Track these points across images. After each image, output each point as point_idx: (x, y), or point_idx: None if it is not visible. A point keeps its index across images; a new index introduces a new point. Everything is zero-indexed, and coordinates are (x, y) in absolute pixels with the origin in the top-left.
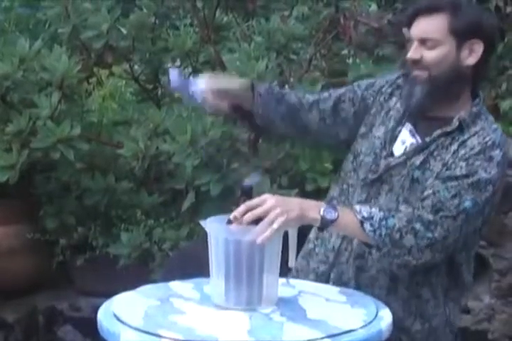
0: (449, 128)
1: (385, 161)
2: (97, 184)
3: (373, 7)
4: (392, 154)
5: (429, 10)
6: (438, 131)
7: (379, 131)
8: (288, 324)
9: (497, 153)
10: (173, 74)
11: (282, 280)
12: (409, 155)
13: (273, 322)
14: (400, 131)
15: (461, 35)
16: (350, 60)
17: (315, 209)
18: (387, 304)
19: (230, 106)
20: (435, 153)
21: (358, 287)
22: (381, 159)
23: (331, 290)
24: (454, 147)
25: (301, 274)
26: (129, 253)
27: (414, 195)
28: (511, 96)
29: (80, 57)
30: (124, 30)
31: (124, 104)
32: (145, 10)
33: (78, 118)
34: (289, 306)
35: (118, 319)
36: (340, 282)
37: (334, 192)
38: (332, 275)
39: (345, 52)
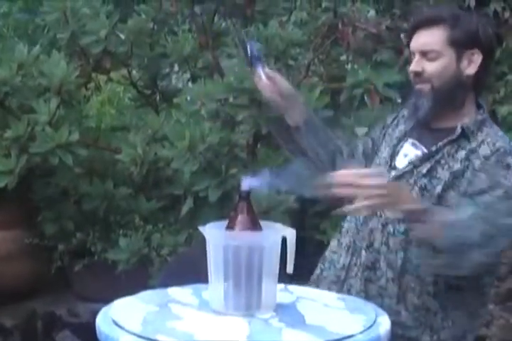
0: (453, 136)
1: (388, 174)
2: (95, 189)
3: (371, 13)
4: (395, 167)
5: (428, 23)
6: (444, 141)
7: (384, 153)
8: (286, 329)
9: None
10: (251, 46)
11: (281, 285)
12: (416, 163)
13: (272, 328)
14: (401, 146)
15: (460, 45)
16: (349, 66)
17: (414, 201)
18: (397, 313)
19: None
20: (442, 162)
21: (368, 298)
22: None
23: (329, 296)
24: (461, 155)
25: None
26: (128, 258)
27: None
28: (509, 102)
29: (79, 63)
30: (122, 36)
31: (123, 110)
32: (143, 15)
33: (76, 124)
34: (288, 312)
35: (117, 324)
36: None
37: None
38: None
39: (343, 57)
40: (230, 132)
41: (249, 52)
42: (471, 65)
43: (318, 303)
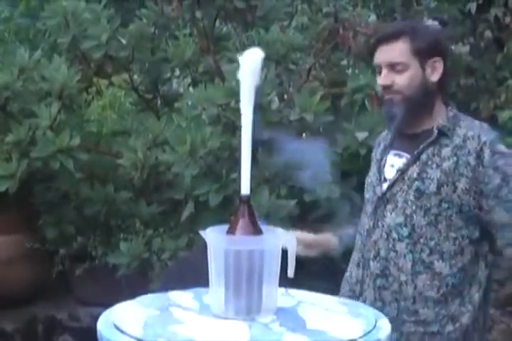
0: (432, 138)
1: (380, 187)
2: (96, 194)
3: (372, 17)
4: (385, 179)
5: (390, 37)
6: (424, 143)
7: (372, 171)
8: (287, 334)
9: (501, 145)
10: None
11: (281, 290)
12: (403, 169)
13: (272, 332)
14: (385, 160)
15: (423, 55)
16: (350, 70)
17: None
18: (415, 313)
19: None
20: (429, 163)
21: (384, 305)
22: (378, 187)
23: (330, 300)
24: (447, 152)
25: None
26: (128, 262)
27: (422, 206)
28: (510, 107)
29: (80, 67)
30: (123, 41)
31: (124, 114)
32: (145, 20)
33: (78, 128)
34: (289, 316)
35: (117, 328)
36: None
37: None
38: None
39: (344, 62)
40: (230, 136)
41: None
42: (435, 72)
43: (319, 308)
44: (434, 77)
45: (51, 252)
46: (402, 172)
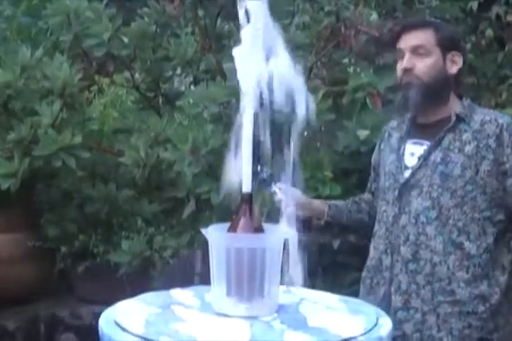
0: (450, 124)
1: (402, 175)
2: (98, 192)
3: (374, 16)
4: (407, 167)
5: (416, 26)
6: (444, 129)
7: (389, 160)
8: (288, 331)
9: None
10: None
11: (283, 287)
12: (425, 155)
13: (274, 330)
14: (404, 149)
15: (445, 47)
16: (351, 69)
17: None
18: (451, 293)
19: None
20: (451, 147)
21: (418, 288)
22: (399, 175)
23: (331, 298)
24: (468, 137)
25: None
26: (130, 261)
27: (448, 188)
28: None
29: (82, 66)
30: (125, 39)
31: (125, 113)
32: (146, 19)
33: (79, 127)
34: (290, 314)
35: (119, 326)
36: (399, 292)
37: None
38: (392, 289)
39: (345, 60)
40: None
41: (261, 177)
42: (454, 65)
43: (321, 305)
44: (453, 70)
45: (53, 250)
46: (424, 158)
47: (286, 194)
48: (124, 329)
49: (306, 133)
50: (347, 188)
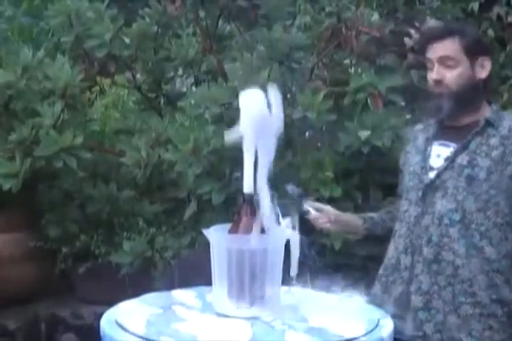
0: (478, 128)
1: (427, 176)
2: (99, 192)
3: (375, 17)
4: (432, 168)
5: (441, 35)
6: (472, 133)
7: (414, 161)
8: (290, 332)
9: None
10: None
11: (284, 288)
12: (452, 157)
13: (275, 330)
14: (430, 150)
15: (473, 53)
16: (352, 69)
17: None
18: (472, 294)
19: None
20: (477, 151)
21: (440, 289)
22: (424, 175)
23: (332, 299)
24: (495, 142)
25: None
26: (131, 261)
27: (473, 192)
28: None
29: (83, 67)
30: (126, 40)
31: (127, 113)
32: (148, 19)
33: (81, 127)
34: (291, 314)
35: (120, 326)
36: (420, 292)
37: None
38: (412, 289)
39: (347, 61)
40: None
41: (292, 195)
42: (483, 70)
43: (321, 306)
44: (482, 75)
45: (54, 251)
46: (451, 160)
47: (320, 211)
48: (125, 330)
49: (307, 134)
50: (348, 189)
